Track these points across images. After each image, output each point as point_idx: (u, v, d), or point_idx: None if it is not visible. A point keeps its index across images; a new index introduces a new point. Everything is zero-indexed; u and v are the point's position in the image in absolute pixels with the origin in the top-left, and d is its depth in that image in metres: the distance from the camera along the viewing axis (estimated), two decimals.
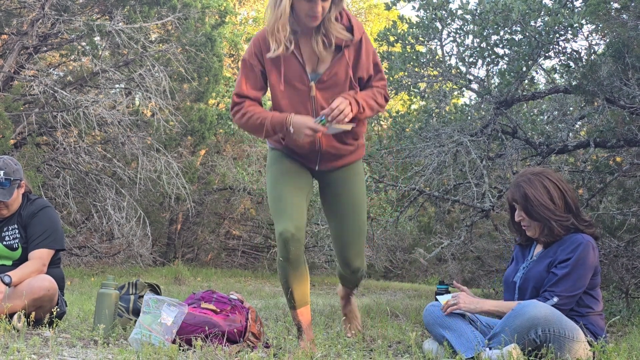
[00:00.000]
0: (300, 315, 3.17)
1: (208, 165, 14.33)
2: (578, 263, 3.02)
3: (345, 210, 3.31)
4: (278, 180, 3.22)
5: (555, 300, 2.98)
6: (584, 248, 3.04)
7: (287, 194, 3.16)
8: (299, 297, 3.15)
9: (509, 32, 5.48)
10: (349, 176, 3.33)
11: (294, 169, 3.25)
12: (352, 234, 3.34)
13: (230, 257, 15.85)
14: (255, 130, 3.18)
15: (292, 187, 3.19)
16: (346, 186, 3.32)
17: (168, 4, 9.93)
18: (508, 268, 3.38)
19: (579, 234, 3.12)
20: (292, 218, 3.09)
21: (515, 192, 3.22)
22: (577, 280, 3.01)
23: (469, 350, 2.95)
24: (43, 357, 2.70)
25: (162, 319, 3.15)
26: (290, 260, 3.08)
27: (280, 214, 3.10)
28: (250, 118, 3.12)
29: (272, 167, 3.29)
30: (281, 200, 3.14)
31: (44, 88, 8.92)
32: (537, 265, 3.15)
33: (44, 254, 3.71)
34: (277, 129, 3.10)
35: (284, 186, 3.19)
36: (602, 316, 3.14)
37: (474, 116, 6.37)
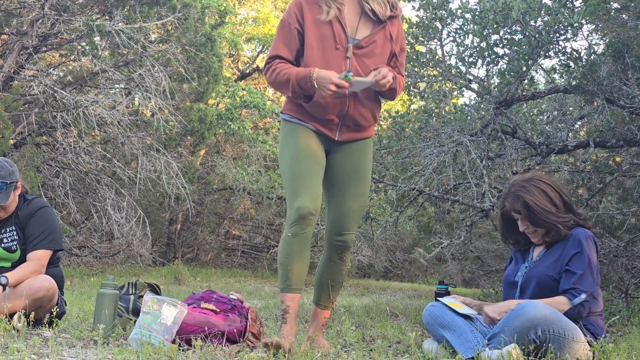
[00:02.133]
0: (291, 300, 3.08)
1: (208, 165, 14.33)
2: (589, 257, 3.05)
3: (357, 179, 3.24)
4: (298, 155, 3.14)
5: (584, 297, 2.99)
6: (587, 242, 3.07)
7: (307, 170, 3.12)
8: (296, 279, 3.08)
9: (508, 31, 5.48)
10: (364, 149, 3.29)
11: (312, 145, 3.19)
12: (358, 202, 3.25)
13: (230, 257, 15.84)
14: (282, 87, 3.16)
15: (313, 165, 3.15)
16: (362, 159, 3.27)
17: (168, 4, 9.93)
18: (507, 268, 3.38)
19: (578, 228, 3.13)
20: (312, 196, 3.07)
21: (516, 203, 3.20)
22: (594, 275, 3.04)
23: (468, 350, 2.95)
24: (43, 357, 2.69)
25: (161, 319, 3.14)
26: (300, 237, 3.05)
27: (299, 190, 3.07)
28: (278, 74, 3.12)
29: (289, 142, 3.21)
30: (301, 177, 3.10)
31: (43, 88, 8.92)
32: (540, 264, 3.15)
33: (42, 254, 3.71)
34: (302, 84, 3.07)
35: (304, 162, 3.13)
36: (602, 316, 3.14)
37: (473, 116, 6.37)
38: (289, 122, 3.24)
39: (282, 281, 3.08)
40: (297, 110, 3.21)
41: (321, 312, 3.35)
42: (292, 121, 3.22)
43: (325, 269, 3.30)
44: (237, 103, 13.20)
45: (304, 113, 3.18)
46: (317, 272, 3.33)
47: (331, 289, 3.30)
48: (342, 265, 3.31)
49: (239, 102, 13.23)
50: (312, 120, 3.17)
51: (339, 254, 3.27)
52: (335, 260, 3.27)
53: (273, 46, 3.21)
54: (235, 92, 13.42)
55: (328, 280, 3.29)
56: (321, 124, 3.17)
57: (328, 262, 3.28)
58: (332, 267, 3.28)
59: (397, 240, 14.38)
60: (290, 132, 3.22)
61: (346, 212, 3.22)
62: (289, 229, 3.05)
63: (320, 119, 3.16)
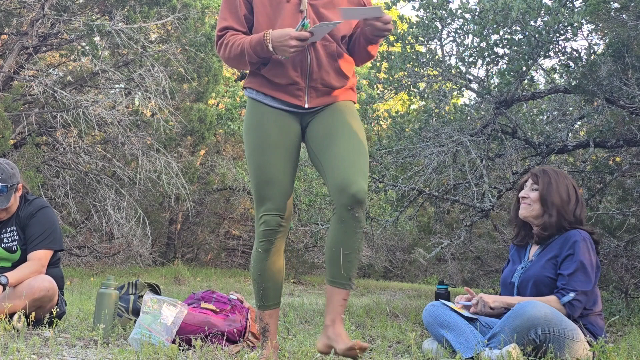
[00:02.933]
0: (269, 317, 2.80)
1: (208, 165, 14.33)
2: (583, 257, 3.04)
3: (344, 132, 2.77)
4: (263, 150, 2.77)
5: (572, 295, 2.99)
6: (581, 243, 3.07)
7: (274, 171, 2.75)
8: (273, 294, 2.79)
9: (508, 31, 5.48)
10: (345, 107, 2.84)
11: (280, 129, 2.79)
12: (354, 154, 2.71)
13: (230, 257, 15.84)
14: (238, 61, 2.76)
15: (280, 160, 2.77)
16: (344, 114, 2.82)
17: (168, 4, 9.93)
18: (505, 269, 3.39)
19: (574, 230, 3.14)
20: (279, 204, 2.75)
21: (538, 170, 3.28)
22: (587, 278, 3.03)
23: (468, 350, 2.95)
24: (43, 357, 2.69)
25: (161, 319, 3.14)
26: (270, 252, 2.76)
27: (264, 197, 2.74)
28: (231, 47, 2.75)
29: (254, 130, 2.81)
30: (267, 180, 2.75)
31: (43, 88, 8.92)
32: (536, 264, 3.16)
33: (43, 255, 3.71)
34: (258, 51, 2.69)
35: (270, 159, 2.76)
36: (602, 316, 3.14)
37: (473, 116, 6.37)
38: (253, 102, 2.85)
39: (258, 299, 2.80)
40: (258, 81, 2.82)
41: (337, 292, 2.68)
42: (257, 99, 2.82)
43: (336, 234, 2.67)
44: (237, 103, 13.20)
45: (265, 84, 2.80)
46: (327, 241, 2.73)
47: (345, 259, 2.66)
48: (356, 226, 2.65)
49: (239, 102, 13.22)
50: (276, 90, 2.78)
51: (350, 211, 2.62)
52: (347, 220, 2.63)
53: (220, 18, 2.83)
54: (235, 92, 13.42)
55: (340, 248, 2.66)
56: (286, 91, 2.77)
57: (339, 225, 2.65)
58: (344, 231, 2.64)
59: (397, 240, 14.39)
60: (253, 115, 2.83)
61: (347, 162, 2.68)
62: (259, 244, 2.77)
63: (284, 85, 2.76)
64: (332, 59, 2.78)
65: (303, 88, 2.77)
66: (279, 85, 2.77)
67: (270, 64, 2.75)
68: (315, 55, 2.76)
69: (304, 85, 2.77)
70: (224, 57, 2.80)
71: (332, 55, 2.78)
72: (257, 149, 2.78)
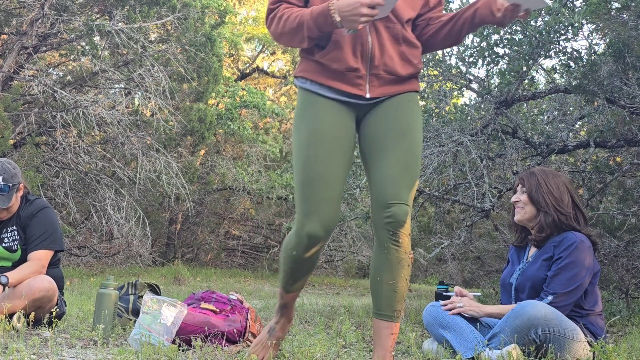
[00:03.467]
0: (292, 298, 2.76)
1: (208, 165, 14.33)
2: (571, 261, 3.03)
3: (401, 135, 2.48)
4: (314, 143, 2.46)
5: (550, 298, 2.98)
6: (577, 246, 3.05)
7: (324, 168, 2.45)
8: (299, 286, 2.71)
9: (509, 31, 5.48)
10: (407, 102, 2.54)
11: (336, 122, 2.49)
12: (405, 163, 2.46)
13: (230, 257, 15.85)
14: (294, 35, 2.44)
15: (333, 158, 2.47)
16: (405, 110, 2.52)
17: (168, 4, 9.93)
18: (504, 270, 3.38)
19: (572, 232, 3.12)
20: (324, 216, 2.46)
21: (524, 173, 3.28)
22: (570, 278, 3.00)
23: (468, 351, 2.95)
24: (42, 357, 2.69)
25: (161, 319, 3.14)
26: (306, 258, 2.56)
27: (310, 207, 2.46)
28: (286, 21, 2.43)
29: (305, 123, 2.51)
30: (314, 178, 2.45)
31: (43, 88, 8.92)
32: (533, 265, 3.16)
33: (43, 255, 3.71)
34: (320, 23, 2.36)
35: (321, 154, 2.45)
36: (602, 316, 3.14)
37: (474, 116, 6.36)
38: (305, 92, 2.54)
39: (285, 284, 2.69)
40: (312, 69, 2.52)
41: (385, 325, 2.48)
42: (311, 90, 2.52)
43: (380, 263, 2.47)
44: (237, 103, 13.21)
45: (320, 71, 2.49)
46: (371, 270, 2.54)
47: (390, 289, 2.47)
48: (401, 251, 2.45)
49: (238, 102, 13.23)
50: (333, 78, 2.47)
51: (392, 236, 2.43)
52: (389, 247, 2.44)
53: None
54: (235, 92, 13.43)
55: (387, 278, 2.46)
56: (345, 80, 2.47)
57: (382, 253, 2.46)
58: (388, 259, 2.45)
59: None
60: (305, 110, 2.53)
61: (391, 177, 2.45)
62: (297, 249, 2.52)
63: (342, 72, 2.46)
64: (397, 42, 2.48)
65: (364, 75, 2.47)
66: (336, 72, 2.46)
67: (328, 46, 2.44)
68: (378, 38, 2.45)
69: (365, 72, 2.46)
70: (276, 32, 2.48)
71: (397, 38, 2.48)
72: (308, 142, 2.48)
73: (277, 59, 17.39)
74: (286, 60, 16.91)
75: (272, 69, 17.44)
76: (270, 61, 17.59)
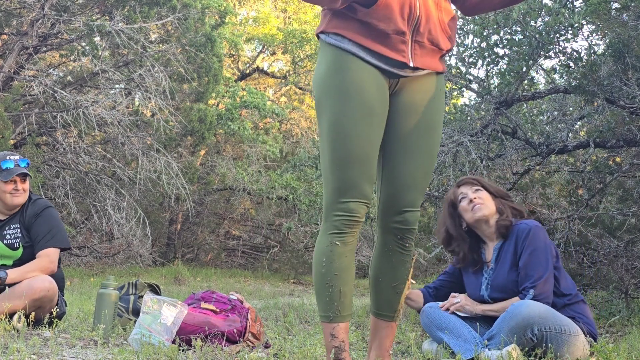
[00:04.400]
0: (345, 332, 2.21)
1: (208, 166, 14.34)
2: (534, 247, 3.05)
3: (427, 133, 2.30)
4: (355, 116, 2.16)
5: (532, 292, 2.98)
6: (533, 232, 3.08)
7: (367, 145, 2.18)
8: (348, 300, 2.22)
9: (509, 32, 5.48)
10: (439, 90, 2.33)
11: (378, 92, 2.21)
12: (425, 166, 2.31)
13: (230, 257, 15.85)
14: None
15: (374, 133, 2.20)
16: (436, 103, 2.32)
17: (168, 4, 9.93)
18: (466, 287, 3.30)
19: (522, 222, 3.17)
20: (367, 189, 2.20)
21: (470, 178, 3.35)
22: (541, 265, 3.02)
23: (467, 352, 2.94)
24: (43, 357, 2.69)
25: (161, 319, 3.14)
26: (349, 245, 2.22)
27: (349, 179, 2.17)
28: None
29: (342, 90, 2.18)
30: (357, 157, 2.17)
31: (43, 88, 8.92)
32: (500, 273, 3.13)
33: (52, 252, 3.73)
34: None
35: (364, 130, 2.17)
36: (584, 300, 3.14)
37: (473, 116, 6.36)
38: (340, 52, 2.19)
39: (332, 307, 2.20)
40: (349, 27, 2.18)
41: (384, 325, 2.39)
42: (343, 47, 2.19)
43: (382, 264, 2.36)
44: (237, 103, 13.22)
45: (362, 31, 2.17)
46: (371, 268, 2.42)
47: (393, 290, 2.37)
48: (405, 255, 2.35)
49: (239, 102, 13.24)
50: (376, 40, 2.17)
51: (399, 241, 2.32)
52: (394, 249, 2.33)
53: None
54: (235, 92, 13.43)
55: (389, 280, 2.36)
56: (389, 44, 2.17)
57: (385, 254, 2.35)
58: (392, 260, 2.34)
59: None
60: (337, 75, 2.18)
61: (409, 185, 2.28)
62: (336, 236, 2.20)
63: (388, 33, 2.16)
64: (440, 11, 2.26)
65: (407, 41, 2.19)
66: (381, 34, 2.16)
67: (376, 4, 2.14)
68: (424, 4, 2.21)
69: (409, 37, 2.19)
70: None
71: (439, 7, 2.26)
72: (346, 116, 2.17)
73: (277, 59, 17.40)
74: (286, 61, 16.91)
75: (272, 69, 17.44)
76: (271, 61, 17.59)
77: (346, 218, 2.18)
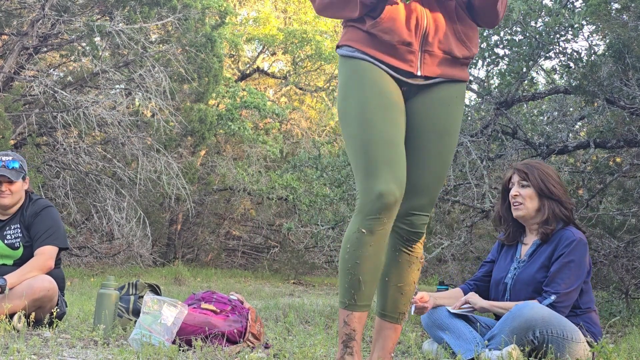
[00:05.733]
0: (359, 322, 2.22)
1: (208, 166, 14.34)
2: (573, 259, 3.01)
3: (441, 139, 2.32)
4: (370, 110, 2.22)
5: (553, 298, 2.97)
6: (577, 244, 3.03)
7: (388, 134, 2.21)
8: (368, 292, 2.21)
9: (509, 32, 5.48)
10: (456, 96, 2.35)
11: (388, 89, 2.26)
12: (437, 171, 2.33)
13: (230, 257, 15.85)
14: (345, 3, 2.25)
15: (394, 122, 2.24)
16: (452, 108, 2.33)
17: (168, 5, 9.93)
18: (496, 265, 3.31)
19: (569, 229, 3.10)
20: (397, 176, 2.18)
21: (522, 166, 3.21)
22: (572, 277, 2.99)
23: (468, 352, 2.94)
24: (43, 357, 2.69)
25: (162, 320, 3.14)
26: (378, 235, 2.18)
27: (378, 167, 2.16)
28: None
29: (354, 89, 2.27)
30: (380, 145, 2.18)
31: (44, 88, 8.92)
32: (530, 267, 3.12)
33: (48, 250, 3.73)
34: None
35: (380, 121, 2.21)
36: (596, 311, 3.14)
37: (474, 116, 6.37)
38: (350, 60, 2.30)
39: (348, 294, 2.20)
40: (361, 39, 2.28)
41: (388, 326, 2.39)
42: (356, 56, 2.29)
43: (389, 263, 2.36)
44: (237, 103, 13.22)
45: (369, 43, 2.27)
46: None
47: (398, 291, 2.36)
48: (412, 257, 2.36)
49: (239, 102, 13.24)
50: (382, 51, 2.26)
51: (406, 242, 2.34)
52: (401, 250, 2.34)
53: None
54: (235, 92, 13.44)
55: (395, 280, 2.36)
56: (395, 54, 2.25)
57: (392, 254, 2.36)
58: (398, 261, 2.35)
59: None
60: (354, 75, 2.28)
61: (421, 185, 2.31)
62: (364, 222, 2.16)
63: (394, 44, 2.24)
64: (451, 20, 2.29)
65: (416, 52, 2.25)
66: (387, 45, 2.25)
67: (381, 16, 2.22)
68: (432, 13, 2.26)
69: (417, 47, 2.25)
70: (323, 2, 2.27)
71: (451, 15, 2.29)
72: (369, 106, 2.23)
73: (278, 59, 17.40)
74: (286, 61, 16.91)
75: (272, 69, 17.44)
76: (271, 62, 17.59)
77: (378, 205, 2.15)
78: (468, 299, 3.15)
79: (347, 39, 2.32)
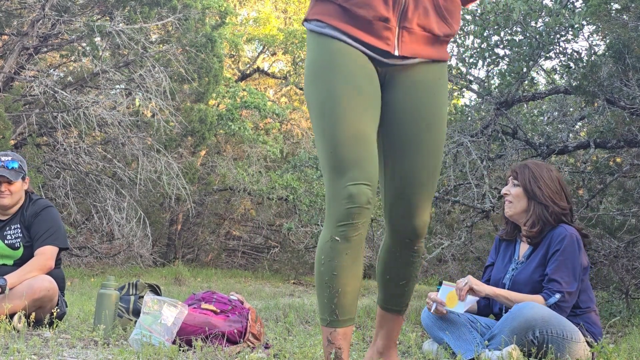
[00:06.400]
0: (343, 338, 2.03)
1: (208, 166, 14.34)
2: (567, 255, 3.01)
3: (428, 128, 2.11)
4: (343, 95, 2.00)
5: (558, 297, 2.96)
6: (568, 238, 3.02)
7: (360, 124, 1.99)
8: (350, 304, 2.02)
9: (509, 32, 5.48)
10: (438, 78, 2.14)
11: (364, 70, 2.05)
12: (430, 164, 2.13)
13: (231, 257, 15.86)
14: None
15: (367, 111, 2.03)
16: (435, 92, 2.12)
17: (168, 5, 9.94)
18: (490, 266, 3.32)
19: (562, 226, 3.09)
20: (368, 170, 1.98)
21: (517, 166, 3.23)
22: (569, 274, 2.99)
23: (468, 352, 2.94)
24: (43, 357, 2.69)
25: (162, 320, 3.14)
26: (353, 241, 1.99)
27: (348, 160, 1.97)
28: None
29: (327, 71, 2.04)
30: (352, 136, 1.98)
31: (44, 89, 8.93)
32: (527, 268, 3.12)
33: (48, 250, 3.73)
34: None
35: (355, 107, 2.00)
36: (596, 311, 3.13)
37: (474, 117, 6.37)
38: (322, 38, 2.06)
39: (328, 309, 2.02)
40: (330, 12, 2.05)
41: (390, 317, 2.32)
42: (326, 33, 2.06)
43: (390, 261, 2.26)
44: (237, 104, 13.22)
45: (341, 17, 2.04)
46: (379, 265, 2.29)
47: (400, 287, 2.27)
48: (415, 256, 2.25)
49: (239, 102, 13.24)
50: (356, 26, 2.03)
51: (406, 242, 2.21)
52: (402, 250, 2.23)
53: None
54: (235, 92, 13.44)
55: (397, 278, 2.26)
56: (370, 30, 2.03)
57: (392, 253, 2.25)
58: (400, 260, 2.24)
59: None
60: (323, 57, 2.05)
61: (413, 182, 2.13)
62: (336, 229, 1.97)
63: (369, 20, 2.01)
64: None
65: (393, 28, 2.03)
66: (361, 20, 2.02)
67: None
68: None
69: (395, 24, 2.03)
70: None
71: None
72: (335, 94, 2.00)
73: (278, 59, 17.41)
74: (287, 61, 16.91)
75: (272, 69, 17.45)
76: (271, 62, 17.60)
77: (348, 208, 1.95)
78: (471, 285, 3.08)
79: (317, 12, 2.08)
